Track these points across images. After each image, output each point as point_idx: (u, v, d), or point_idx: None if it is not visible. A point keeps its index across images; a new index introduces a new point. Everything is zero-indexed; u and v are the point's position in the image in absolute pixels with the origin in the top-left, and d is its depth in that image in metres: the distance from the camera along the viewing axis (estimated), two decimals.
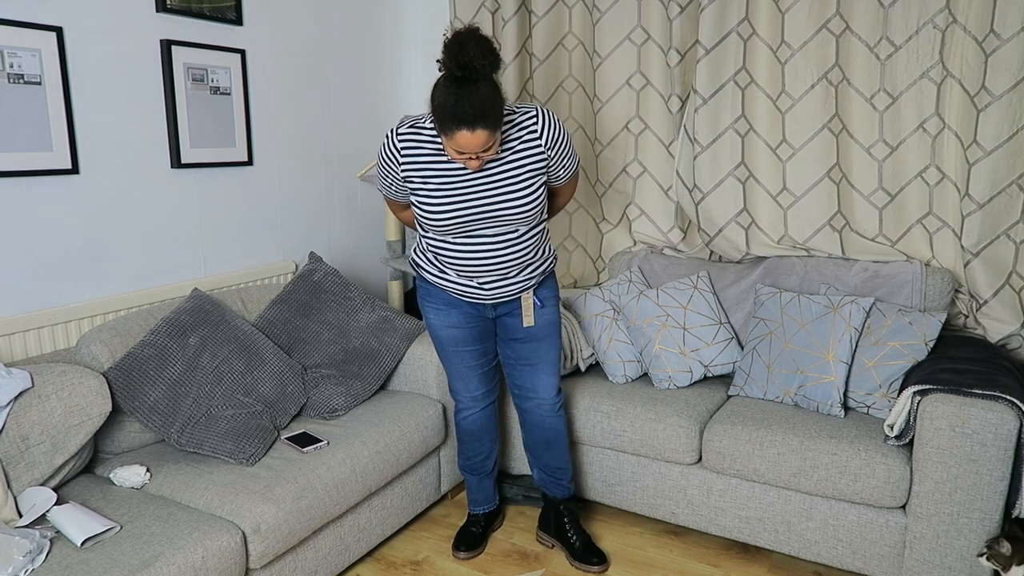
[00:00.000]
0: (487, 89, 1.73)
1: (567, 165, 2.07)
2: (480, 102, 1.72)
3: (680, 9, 2.76)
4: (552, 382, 2.27)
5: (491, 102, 1.74)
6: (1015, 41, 2.26)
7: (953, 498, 1.97)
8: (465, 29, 1.75)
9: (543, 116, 1.96)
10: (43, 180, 2.14)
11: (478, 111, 1.72)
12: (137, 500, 1.85)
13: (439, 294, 2.17)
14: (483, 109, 1.72)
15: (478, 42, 1.72)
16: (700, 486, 2.37)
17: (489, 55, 1.73)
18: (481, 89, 1.72)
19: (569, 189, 2.22)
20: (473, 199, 1.95)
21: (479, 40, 1.73)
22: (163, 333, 2.15)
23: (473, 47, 1.70)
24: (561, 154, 2.02)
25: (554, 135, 1.97)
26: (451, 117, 1.73)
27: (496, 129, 1.79)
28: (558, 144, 1.99)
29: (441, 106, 1.75)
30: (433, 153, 1.96)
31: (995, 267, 2.46)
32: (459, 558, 2.39)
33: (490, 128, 1.76)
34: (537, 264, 2.12)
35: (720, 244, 2.86)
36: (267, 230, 2.88)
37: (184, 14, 2.44)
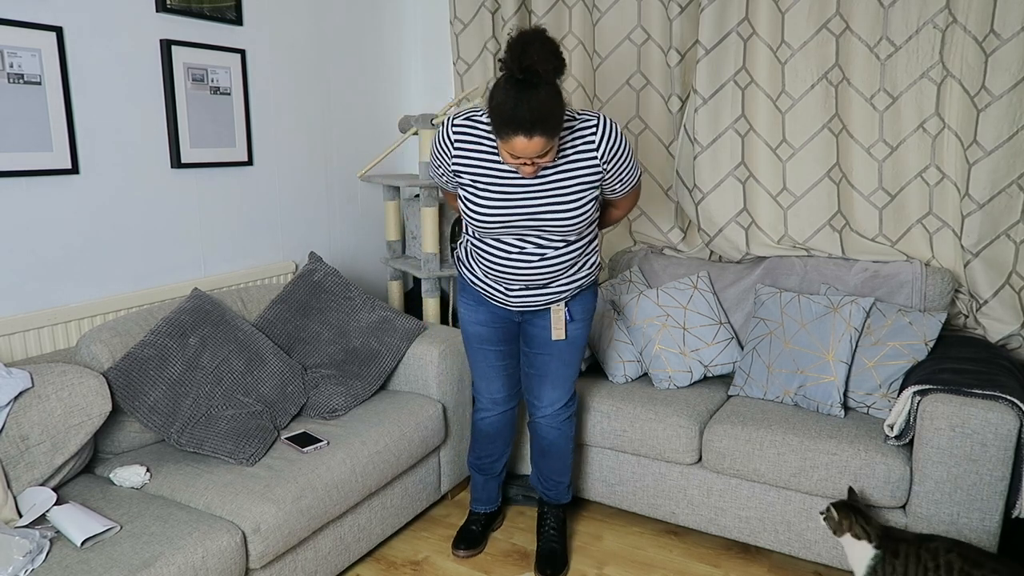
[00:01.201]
0: (548, 95, 1.66)
1: (625, 179, 1.98)
2: (540, 107, 1.64)
3: (680, 9, 2.77)
4: (557, 396, 2.23)
5: (551, 108, 1.67)
6: (1015, 41, 2.26)
7: (953, 498, 1.97)
8: (531, 30, 1.68)
9: (603, 127, 1.87)
10: (43, 180, 2.14)
11: (537, 117, 1.65)
12: (137, 500, 1.85)
13: (471, 290, 2.15)
14: (543, 115, 1.65)
15: (543, 43, 1.64)
16: (700, 486, 2.37)
17: (553, 59, 1.65)
18: (542, 94, 1.64)
19: (628, 202, 2.11)
20: (519, 204, 1.90)
21: (544, 42, 1.65)
22: (163, 333, 2.15)
23: (537, 49, 1.63)
24: (618, 168, 1.93)
25: (612, 148, 1.88)
26: (508, 121, 1.67)
27: (554, 136, 1.72)
28: (616, 158, 1.90)
29: (499, 109, 1.68)
30: (487, 151, 1.90)
31: (995, 267, 2.46)
32: (458, 556, 2.39)
33: (548, 135, 1.70)
34: (573, 277, 2.05)
35: (720, 244, 2.86)
36: (267, 230, 2.88)
37: (184, 14, 2.44)
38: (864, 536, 1.91)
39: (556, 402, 2.23)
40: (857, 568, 1.93)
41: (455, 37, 3.28)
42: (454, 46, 3.30)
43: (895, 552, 1.86)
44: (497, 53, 3.19)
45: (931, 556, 1.81)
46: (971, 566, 1.75)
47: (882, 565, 1.87)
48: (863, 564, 1.91)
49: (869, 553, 1.90)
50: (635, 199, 2.13)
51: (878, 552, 1.88)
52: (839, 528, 1.95)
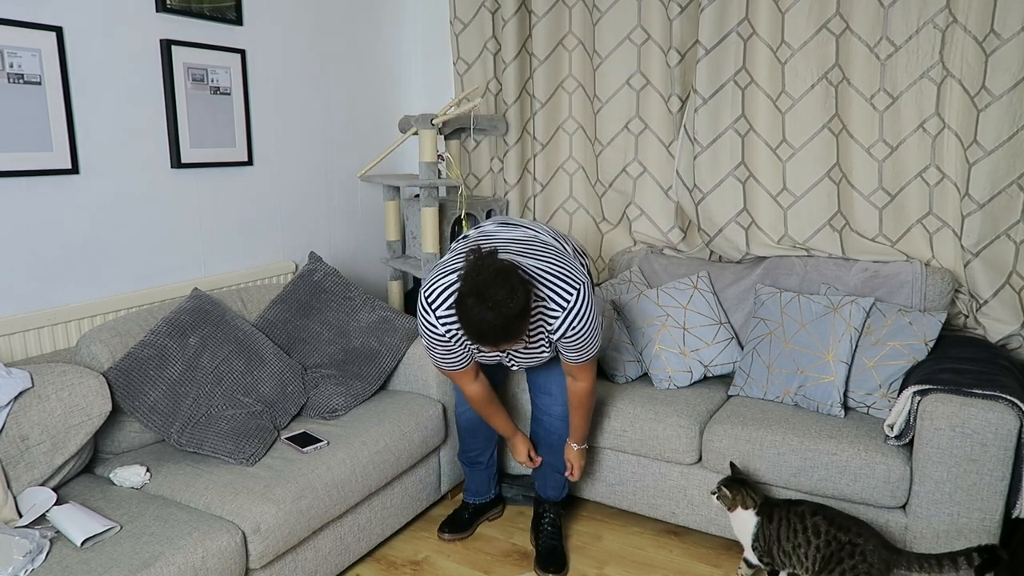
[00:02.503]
0: (512, 319, 1.67)
1: (572, 356, 1.99)
2: (506, 330, 1.68)
3: (680, 9, 2.76)
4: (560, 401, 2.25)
5: (518, 327, 1.70)
6: (1015, 41, 2.26)
7: (953, 498, 1.97)
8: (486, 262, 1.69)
9: (567, 317, 1.85)
10: (43, 180, 2.14)
11: (503, 337, 1.70)
12: (137, 500, 1.85)
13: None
14: (509, 335, 1.70)
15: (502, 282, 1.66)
16: (700, 486, 2.37)
17: (514, 299, 1.65)
18: (506, 319, 1.66)
19: (579, 372, 2.06)
20: (496, 357, 2.05)
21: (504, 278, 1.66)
22: (163, 333, 2.15)
23: (499, 291, 1.64)
24: (570, 344, 1.93)
25: (568, 336, 1.89)
26: (476, 338, 1.71)
27: (519, 338, 1.76)
28: (571, 340, 1.91)
29: (466, 325, 1.71)
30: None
31: (995, 267, 2.46)
32: (442, 539, 2.45)
33: (514, 341, 1.75)
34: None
35: (720, 244, 2.86)
36: (267, 230, 2.88)
37: (184, 14, 2.44)
38: (752, 505, 2.04)
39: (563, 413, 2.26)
40: (744, 537, 2.07)
41: (455, 37, 3.28)
42: (454, 46, 3.30)
43: (770, 517, 2.01)
44: (497, 53, 3.19)
45: (799, 519, 1.96)
46: (836, 528, 1.89)
47: (761, 530, 2.02)
48: (749, 532, 2.05)
49: (752, 520, 2.04)
50: (585, 376, 2.08)
51: (759, 518, 2.03)
52: (733, 504, 2.06)
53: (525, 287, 1.70)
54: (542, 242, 2.01)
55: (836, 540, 1.88)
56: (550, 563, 2.28)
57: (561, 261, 1.91)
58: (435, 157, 2.92)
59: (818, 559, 1.91)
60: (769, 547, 2.02)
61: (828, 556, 1.89)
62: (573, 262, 1.96)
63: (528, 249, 1.94)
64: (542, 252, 1.94)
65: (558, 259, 1.92)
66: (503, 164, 3.25)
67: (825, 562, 1.90)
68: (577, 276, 1.89)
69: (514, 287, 1.66)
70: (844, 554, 1.87)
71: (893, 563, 1.82)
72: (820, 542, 1.91)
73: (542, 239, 2.04)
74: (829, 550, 1.89)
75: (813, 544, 1.92)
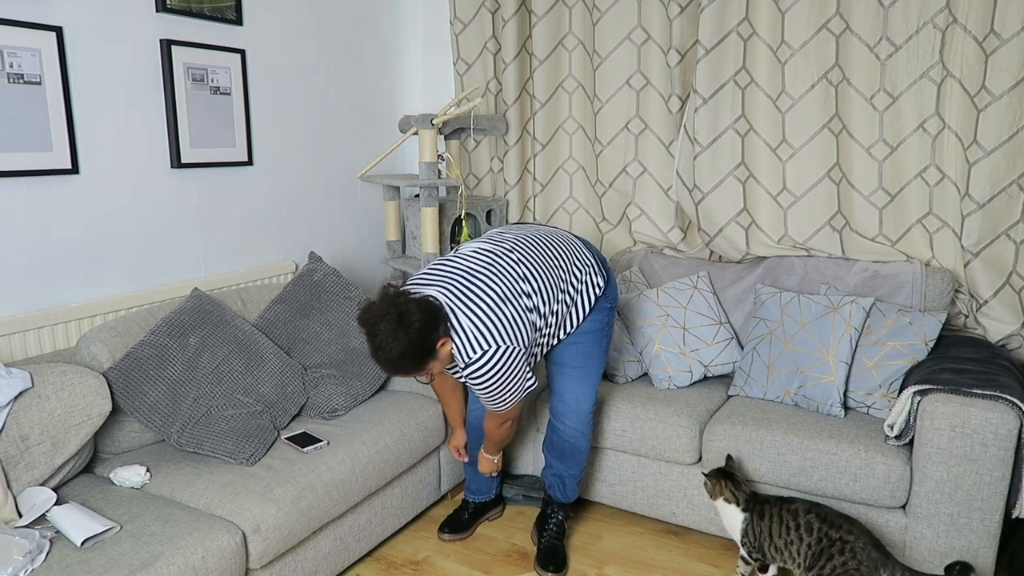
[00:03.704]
0: (399, 354, 1.75)
1: (482, 397, 2.00)
2: (394, 363, 1.78)
3: (680, 9, 2.76)
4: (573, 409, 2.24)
5: (403, 364, 1.79)
6: (1015, 41, 2.26)
7: (953, 498, 1.97)
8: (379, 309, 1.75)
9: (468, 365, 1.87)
10: (43, 180, 2.14)
11: (390, 369, 1.82)
12: (137, 500, 1.85)
13: None
14: (397, 368, 1.81)
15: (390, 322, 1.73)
16: (700, 486, 2.37)
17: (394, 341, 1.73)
18: (393, 354, 1.75)
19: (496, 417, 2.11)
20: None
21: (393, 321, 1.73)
22: (163, 333, 2.15)
23: (381, 333, 1.73)
24: (475, 387, 1.95)
25: (470, 376, 1.90)
26: (374, 361, 1.81)
27: (417, 372, 1.86)
28: (473, 384, 1.93)
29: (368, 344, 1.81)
30: None
31: (995, 267, 2.46)
32: (442, 539, 2.46)
33: (409, 374, 1.88)
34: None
35: (720, 244, 2.86)
36: (267, 230, 2.88)
37: (184, 14, 2.44)
38: (733, 500, 2.07)
39: (571, 415, 2.25)
40: (733, 532, 2.10)
41: (455, 37, 3.28)
42: (454, 46, 3.30)
43: (760, 514, 2.03)
44: (497, 53, 3.19)
45: (792, 516, 1.97)
46: (828, 526, 1.92)
47: (751, 526, 2.04)
48: (737, 528, 2.08)
49: (739, 517, 2.07)
50: (500, 422, 2.14)
51: (746, 515, 2.06)
52: (713, 492, 2.11)
53: (409, 332, 1.73)
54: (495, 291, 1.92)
55: (827, 537, 1.90)
56: (550, 561, 2.28)
57: (495, 320, 1.88)
58: (435, 157, 2.92)
59: (809, 555, 1.93)
60: (760, 543, 2.04)
61: (819, 552, 1.91)
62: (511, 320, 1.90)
63: (471, 296, 1.90)
64: (483, 303, 1.90)
65: (495, 316, 1.88)
66: (503, 164, 3.25)
67: (816, 558, 1.91)
68: (499, 337, 1.86)
69: (396, 331, 1.72)
70: (835, 550, 1.88)
71: (881, 564, 1.84)
72: (812, 539, 1.93)
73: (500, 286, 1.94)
74: (820, 547, 1.91)
75: (805, 541, 1.94)
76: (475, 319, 1.87)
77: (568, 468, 2.33)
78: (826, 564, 1.89)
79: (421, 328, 1.76)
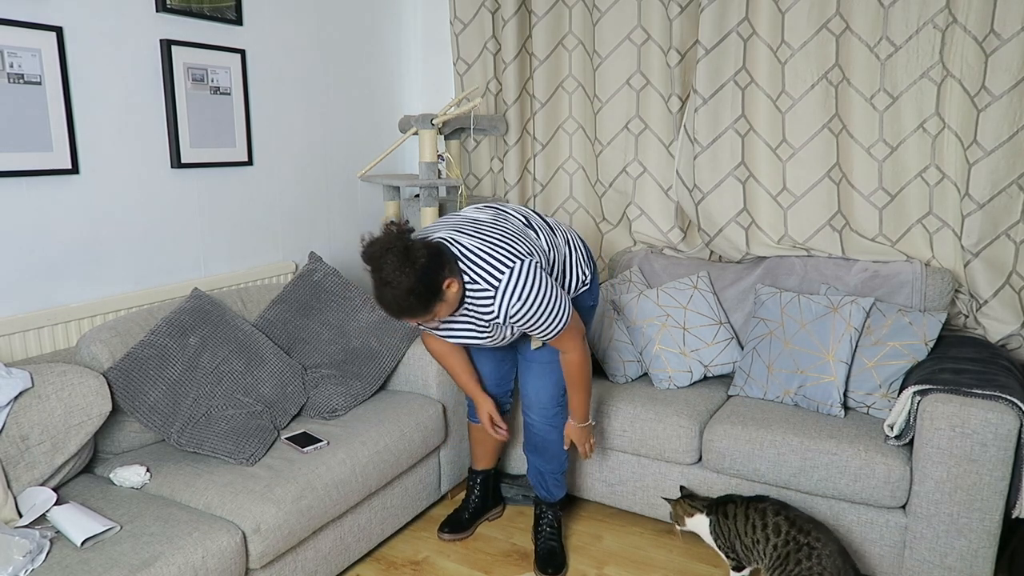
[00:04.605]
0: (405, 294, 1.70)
1: (539, 335, 1.93)
2: (399, 305, 1.72)
3: (680, 9, 2.77)
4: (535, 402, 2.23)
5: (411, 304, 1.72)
6: (1015, 41, 2.26)
7: (953, 498, 1.97)
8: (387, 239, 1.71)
9: (502, 299, 1.80)
10: (43, 180, 2.14)
11: (397, 310, 1.74)
12: (137, 500, 1.85)
13: None
14: (402, 309, 1.73)
15: (396, 256, 1.68)
16: (700, 486, 2.37)
17: (407, 275, 1.67)
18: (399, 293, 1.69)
19: (561, 344, 2.00)
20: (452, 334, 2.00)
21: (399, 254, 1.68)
22: (163, 333, 2.15)
23: (391, 263, 1.68)
24: (523, 326, 1.88)
25: (511, 314, 1.83)
26: (377, 304, 1.76)
27: (424, 315, 1.77)
28: (519, 321, 1.86)
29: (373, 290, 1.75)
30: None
31: (995, 267, 2.47)
32: (442, 539, 2.46)
33: (418, 318, 1.78)
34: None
35: (720, 244, 2.86)
36: (267, 230, 2.88)
37: (184, 14, 2.44)
38: (697, 511, 2.15)
39: (548, 404, 2.23)
40: (707, 539, 2.15)
41: (455, 37, 3.28)
42: (454, 46, 3.30)
43: (725, 513, 2.09)
44: (497, 53, 3.19)
45: (759, 516, 2.01)
46: (797, 530, 1.94)
47: (716, 525, 2.11)
48: (706, 533, 2.14)
49: (705, 522, 2.14)
50: (572, 344, 2.01)
51: (711, 518, 2.12)
52: (680, 518, 2.19)
53: (421, 268, 1.68)
54: (503, 225, 1.93)
55: (795, 540, 1.93)
56: (548, 564, 2.28)
57: (505, 242, 1.84)
58: (435, 157, 2.92)
59: (775, 557, 1.96)
60: (731, 542, 2.07)
61: (785, 555, 1.93)
62: (527, 244, 1.88)
63: (479, 229, 1.89)
64: (491, 233, 1.88)
65: (504, 240, 1.85)
66: (503, 164, 3.25)
67: (781, 560, 1.94)
68: (515, 256, 1.81)
69: (403, 266, 1.67)
70: (802, 555, 1.90)
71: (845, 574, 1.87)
72: (779, 540, 1.95)
73: (506, 223, 1.96)
74: (787, 549, 1.93)
75: (771, 542, 1.96)
76: (485, 246, 1.83)
77: (546, 463, 2.32)
78: (792, 568, 1.91)
79: (427, 264, 1.70)
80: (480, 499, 2.56)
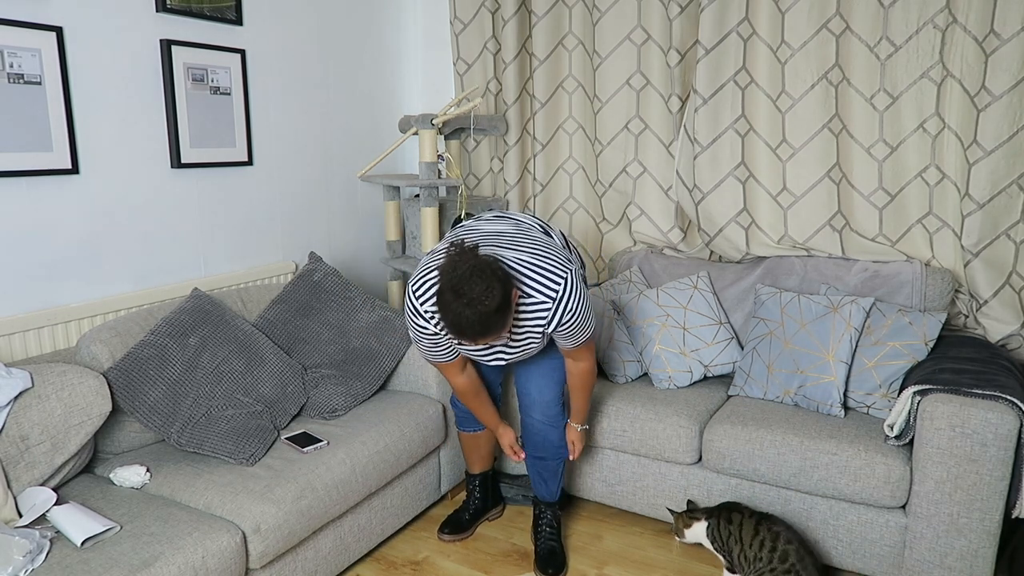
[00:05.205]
0: (491, 313, 1.66)
1: (568, 343, 1.97)
2: (486, 325, 1.67)
3: (680, 9, 2.77)
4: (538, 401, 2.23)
5: (497, 321, 1.68)
6: (1015, 41, 2.26)
7: (953, 498, 1.97)
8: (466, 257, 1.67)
9: (558, 309, 1.84)
10: (43, 180, 2.14)
11: (482, 331, 1.68)
12: (137, 500, 1.85)
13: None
14: (488, 329, 1.68)
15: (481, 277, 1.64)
16: (700, 486, 2.37)
17: (492, 294, 1.64)
18: (486, 314, 1.65)
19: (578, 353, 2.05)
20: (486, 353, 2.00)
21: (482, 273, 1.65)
22: (163, 333, 2.15)
23: (477, 287, 1.63)
24: (566, 334, 1.92)
25: (562, 322, 1.87)
26: (457, 332, 1.70)
27: (503, 332, 1.75)
28: (564, 329, 1.90)
29: (446, 320, 1.69)
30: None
31: (995, 267, 2.47)
32: (442, 539, 2.46)
33: (494, 336, 1.73)
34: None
35: (720, 244, 2.86)
36: (267, 230, 2.88)
37: (184, 14, 2.44)
38: (696, 519, 2.17)
39: (551, 402, 2.23)
40: (706, 543, 2.18)
41: (455, 37, 3.28)
42: (454, 46, 3.30)
43: (728, 519, 2.11)
44: (497, 53, 3.19)
45: (771, 537, 2.03)
46: (803, 569, 1.98)
47: (716, 528, 2.13)
48: (705, 537, 2.16)
49: (704, 525, 2.16)
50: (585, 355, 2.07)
51: (710, 521, 2.15)
52: (680, 531, 2.21)
53: (503, 283, 1.68)
54: (530, 236, 1.99)
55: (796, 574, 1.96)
56: (548, 565, 2.28)
57: (547, 253, 1.89)
58: (435, 157, 2.92)
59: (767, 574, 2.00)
60: (728, 545, 2.09)
61: None
62: (562, 252, 1.94)
63: (514, 242, 1.93)
64: (529, 245, 1.92)
65: (544, 251, 1.90)
66: (503, 164, 3.25)
67: None
68: (563, 266, 1.86)
69: (491, 283, 1.64)
70: None
71: None
72: (781, 567, 1.97)
73: (531, 233, 2.02)
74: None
75: (772, 566, 1.99)
76: (532, 258, 1.84)
77: (546, 462, 2.31)
78: None
79: (505, 278, 1.69)
80: (480, 500, 2.56)
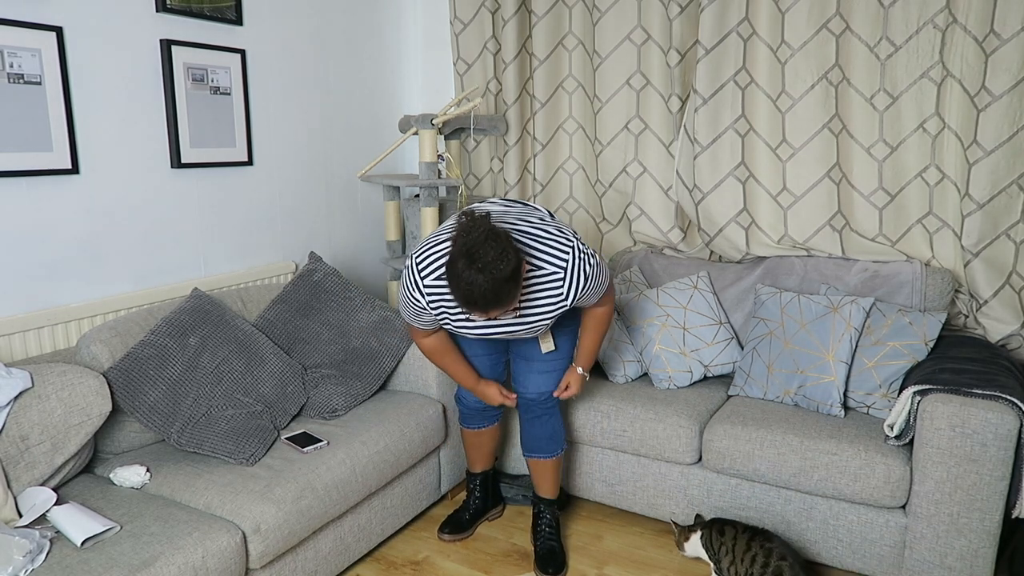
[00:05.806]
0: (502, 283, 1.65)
1: (590, 300, 1.98)
2: (496, 295, 1.65)
3: (680, 9, 2.77)
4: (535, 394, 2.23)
5: (507, 292, 1.67)
6: (1015, 41, 2.26)
7: (953, 498, 1.97)
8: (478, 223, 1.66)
9: (571, 276, 1.85)
10: (43, 180, 2.14)
11: (492, 301, 1.67)
12: (137, 500, 1.85)
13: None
14: (498, 299, 1.67)
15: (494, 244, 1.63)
16: (700, 486, 2.37)
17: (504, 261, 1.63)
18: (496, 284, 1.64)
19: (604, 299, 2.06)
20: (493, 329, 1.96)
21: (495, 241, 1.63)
22: (163, 333, 2.15)
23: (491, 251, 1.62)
24: (585, 298, 1.93)
25: (580, 291, 1.87)
26: (467, 303, 1.68)
27: (514, 302, 1.73)
28: (583, 295, 1.90)
29: (456, 290, 1.68)
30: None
31: (995, 267, 2.47)
32: (442, 539, 2.46)
33: (504, 308, 1.71)
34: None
35: (720, 244, 2.86)
36: (267, 230, 2.88)
37: (184, 14, 2.44)
38: (692, 531, 2.20)
39: (549, 394, 2.24)
40: (700, 554, 2.19)
41: (455, 37, 3.28)
42: (454, 46, 3.30)
43: (721, 531, 2.12)
44: (497, 53, 3.19)
45: (764, 554, 2.01)
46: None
47: (708, 537, 2.15)
48: (700, 548, 2.18)
49: (697, 535, 2.18)
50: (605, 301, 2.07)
51: (703, 531, 2.17)
52: (680, 544, 2.22)
53: (516, 250, 1.67)
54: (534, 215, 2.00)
55: None
56: (548, 565, 2.28)
57: (552, 226, 1.91)
58: (435, 157, 2.92)
59: None
60: (719, 555, 2.09)
61: None
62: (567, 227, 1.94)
63: (520, 218, 1.95)
64: (534, 221, 1.94)
65: (550, 225, 1.91)
66: (503, 164, 3.25)
67: None
68: (569, 236, 1.88)
69: (505, 248, 1.64)
70: None
71: None
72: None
73: (535, 213, 2.03)
74: None
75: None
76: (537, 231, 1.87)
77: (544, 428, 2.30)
78: None
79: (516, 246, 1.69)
80: (481, 500, 2.56)
